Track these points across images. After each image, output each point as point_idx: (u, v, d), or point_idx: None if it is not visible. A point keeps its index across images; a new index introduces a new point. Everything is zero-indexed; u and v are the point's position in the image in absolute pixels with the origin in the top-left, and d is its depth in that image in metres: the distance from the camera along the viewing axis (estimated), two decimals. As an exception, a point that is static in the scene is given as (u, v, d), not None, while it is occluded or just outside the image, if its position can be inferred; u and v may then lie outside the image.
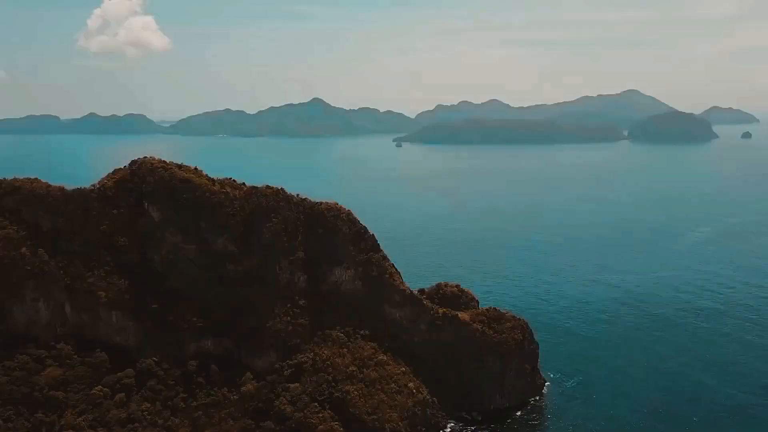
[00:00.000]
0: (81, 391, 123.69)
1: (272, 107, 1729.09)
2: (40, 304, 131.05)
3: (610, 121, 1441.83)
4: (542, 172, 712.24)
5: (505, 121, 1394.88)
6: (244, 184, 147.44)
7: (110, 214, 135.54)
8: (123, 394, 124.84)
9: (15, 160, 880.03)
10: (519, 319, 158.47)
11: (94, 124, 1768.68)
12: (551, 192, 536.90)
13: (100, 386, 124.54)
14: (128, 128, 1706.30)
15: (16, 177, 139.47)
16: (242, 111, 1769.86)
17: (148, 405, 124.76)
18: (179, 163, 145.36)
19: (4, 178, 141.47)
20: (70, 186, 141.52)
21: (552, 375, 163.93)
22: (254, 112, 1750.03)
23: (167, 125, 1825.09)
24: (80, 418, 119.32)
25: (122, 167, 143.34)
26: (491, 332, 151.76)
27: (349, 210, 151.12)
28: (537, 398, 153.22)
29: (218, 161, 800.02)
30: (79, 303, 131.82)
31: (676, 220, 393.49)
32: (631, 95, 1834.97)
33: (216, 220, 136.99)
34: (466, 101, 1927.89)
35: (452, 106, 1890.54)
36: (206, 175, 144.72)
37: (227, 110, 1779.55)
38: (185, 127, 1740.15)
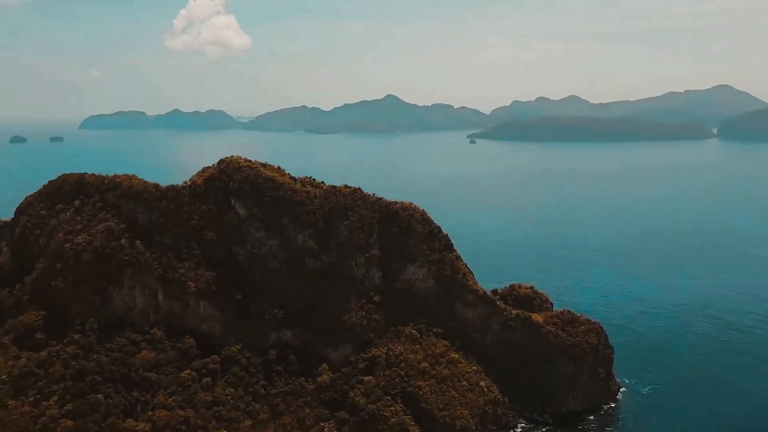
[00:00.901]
0: (171, 373, 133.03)
1: (347, 104, 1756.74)
2: (137, 292, 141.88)
3: (696, 118, 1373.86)
4: (618, 171, 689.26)
5: (581, 118, 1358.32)
6: (323, 183, 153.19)
7: (200, 209, 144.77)
8: (209, 378, 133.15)
9: (110, 153, 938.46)
10: (594, 322, 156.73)
11: (177, 120, 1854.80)
12: (626, 192, 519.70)
13: (188, 370, 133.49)
14: (209, 124, 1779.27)
15: (116, 173, 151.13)
16: (317, 108, 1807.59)
17: (232, 390, 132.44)
18: (263, 162, 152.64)
19: (107, 175, 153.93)
20: (162, 182, 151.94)
21: (627, 381, 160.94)
22: (329, 109, 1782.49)
23: (245, 121, 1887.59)
24: (171, 399, 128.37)
25: (211, 165, 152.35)
26: (565, 335, 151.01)
27: (423, 210, 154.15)
28: (611, 404, 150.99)
29: (295, 157, 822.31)
30: (170, 292, 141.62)
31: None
32: (722, 91, 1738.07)
33: (297, 217, 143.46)
34: (544, 97, 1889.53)
35: (528, 102, 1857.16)
36: (288, 174, 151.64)
37: (303, 107, 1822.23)
38: (263, 123, 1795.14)
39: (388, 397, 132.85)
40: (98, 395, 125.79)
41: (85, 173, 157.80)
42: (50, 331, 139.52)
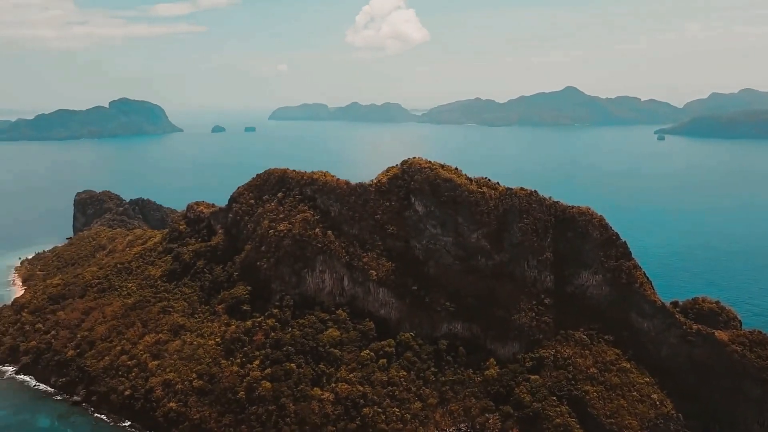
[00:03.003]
0: (353, 351, 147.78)
1: (522, 96, 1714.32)
2: (326, 276, 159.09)
3: None
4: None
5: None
6: (498, 183, 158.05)
7: (383, 205, 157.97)
8: (384, 360, 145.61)
9: (295, 143, 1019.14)
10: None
11: (355, 113, 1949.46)
12: None
13: (367, 350, 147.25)
14: (385, 117, 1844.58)
15: (314, 171, 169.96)
16: (492, 100, 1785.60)
17: (405, 373, 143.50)
18: (442, 163, 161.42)
19: (305, 171, 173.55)
20: (337, 170, 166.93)
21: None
22: (504, 101, 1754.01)
23: (419, 114, 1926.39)
24: (351, 375, 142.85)
25: (395, 165, 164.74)
26: (753, 356, 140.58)
27: (601, 216, 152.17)
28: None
29: (467, 151, 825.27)
30: (355, 278, 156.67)
31: None
32: None
33: (472, 217, 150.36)
34: (750, 89, 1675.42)
35: (731, 94, 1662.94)
36: (465, 175, 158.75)
37: (477, 99, 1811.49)
38: (436, 115, 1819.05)
39: (554, 398, 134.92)
40: (291, 364, 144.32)
41: (287, 169, 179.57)
42: (255, 304, 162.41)
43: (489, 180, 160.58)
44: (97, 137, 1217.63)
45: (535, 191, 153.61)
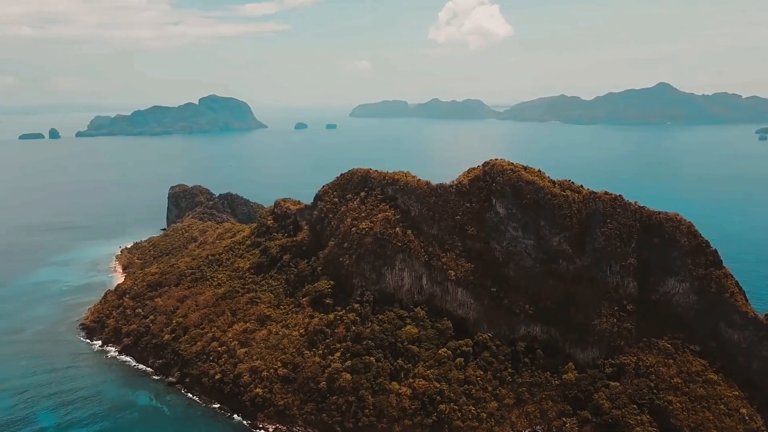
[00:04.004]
0: (430, 349, 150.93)
1: (610, 93, 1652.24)
2: (405, 274, 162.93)
3: None
4: None
5: None
6: (582, 187, 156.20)
7: (464, 206, 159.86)
8: (461, 358, 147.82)
9: (375, 140, 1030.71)
10: None
11: (436, 109, 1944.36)
12: None
13: (445, 348, 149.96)
14: (466, 113, 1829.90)
15: (396, 171, 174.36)
16: (577, 97, 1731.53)
17: (481, 372, 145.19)
18: (524, 165, 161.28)
19: (387, 172, 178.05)
20: (413, 167, 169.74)
21: None
22: (590, 99, 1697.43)
23: (501, 110, 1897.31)
24: (428, 371, 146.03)
25: (476, 167, 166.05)
26: None
27: (690, 222, 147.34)
28: None
29: (548, 150, 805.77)
30: (433, 277, 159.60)
31: None
32: None
33: (554, 220, 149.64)
34: None
35: None
36: (548, 177, 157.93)
37: (562, 96, 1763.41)
38: (518, 112, 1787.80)
39: (634, 406, 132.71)
40: (371, 357, 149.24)
41: (370, 169, 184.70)
42: (337, 298, 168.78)
43: (572, 183, 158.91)
44: (187, 132, 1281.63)
45: (620, 196, 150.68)
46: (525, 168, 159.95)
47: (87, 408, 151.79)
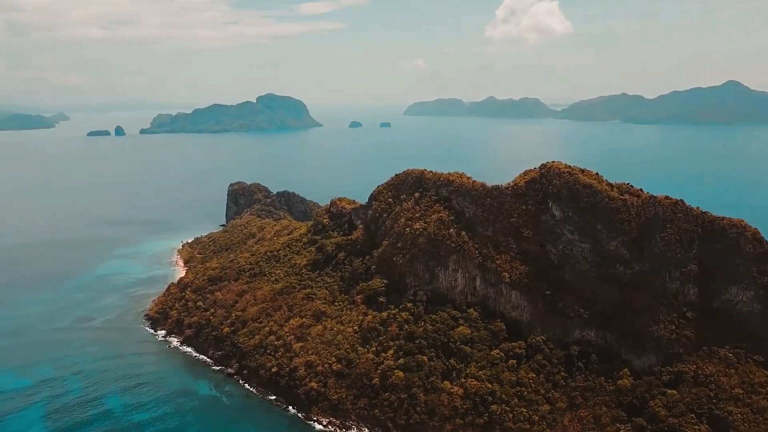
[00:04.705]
0: (482, 350, 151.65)
1: (675, 91, 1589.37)
2: (458, 275, 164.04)
3: None
4: None
5: None
6: (641, 190, 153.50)
7: (519, 209, 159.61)
8: (514, 360, 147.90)
9: (428, 139, 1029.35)
10: None
11: (491, 108, 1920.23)
12: None
13: (497, 350, 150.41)
14: (522, 112, 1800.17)
15: (451, 172, 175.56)
16: (639, 96, 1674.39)
17: (534, 375, 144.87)
18: (582, 168, 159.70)
19: (441, 173, 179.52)
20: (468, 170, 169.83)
21: None
22: (653, 97, 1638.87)
23: (559, 109, 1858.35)
24: (481, 372, 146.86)
25: (533, 169, 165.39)
26: None
27: (756, 229, 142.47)
28: None
29: (607, 151, 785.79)
30: (487, 279, 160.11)
31: None
32: None
33: (611, 224, 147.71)
34: None
35: None
36: (606, 180, 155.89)
37: (623, 94, 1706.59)
38: (577, 111, 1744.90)
39: (692, 415, 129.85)
40: (423, 356, 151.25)
41: (425, 170, 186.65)
42: (390, 297, 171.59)
43: (631, 186, 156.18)
44: (245, 130, 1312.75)
45: (681, 200, 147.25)
46: (582, 171, 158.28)
47: (151, 393, 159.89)
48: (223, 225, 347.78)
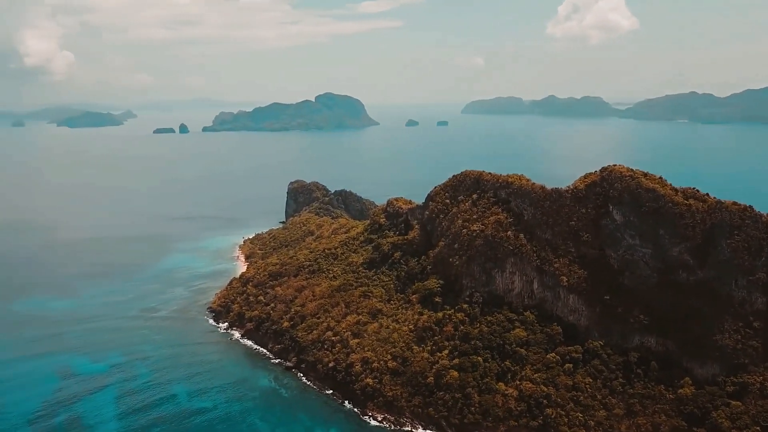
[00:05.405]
0: (538, 353, 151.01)
1: (748, 89, 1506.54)
2: (515, 277, 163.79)
3: None
4: None
5: None
6: (707, 195, 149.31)
7: (579, 212, 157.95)
8: (570, 365, 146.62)
9: (485, 138, 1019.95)
10: None
11: (551, 107, 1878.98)
12: None
13: (553, 353, 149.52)
14: (584, 111, 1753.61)
15: (510, 174, 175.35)
16: (710, 94, 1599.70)
17: (590, 380, 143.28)
18: (644, 171, 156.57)
19: (500, 174, 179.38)
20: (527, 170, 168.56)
21: None
22: (725, 96, 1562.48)
23: (623, 108, 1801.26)
24: (536, 374, 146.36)
25: (593, 172, 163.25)
26: None
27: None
28: None
29: (674, 152, 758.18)
30: (544, 282, 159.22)
31: None
32: None
33: (675, 230, 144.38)
34: None
35: None
36: (670, 184, 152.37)
37: (692, 93, 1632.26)
38: (641, 111, 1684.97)
39: (758, 428, 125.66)
40: (478, 357, 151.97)
41: (483, 171, 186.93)
42: (446, 297, 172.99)
43: (697, 191, 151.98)
44: (304, 129, 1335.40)
45: (750, 206, 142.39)
46: (645, 174, 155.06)
47: (213, 381, 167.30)
48: (283, 222, 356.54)
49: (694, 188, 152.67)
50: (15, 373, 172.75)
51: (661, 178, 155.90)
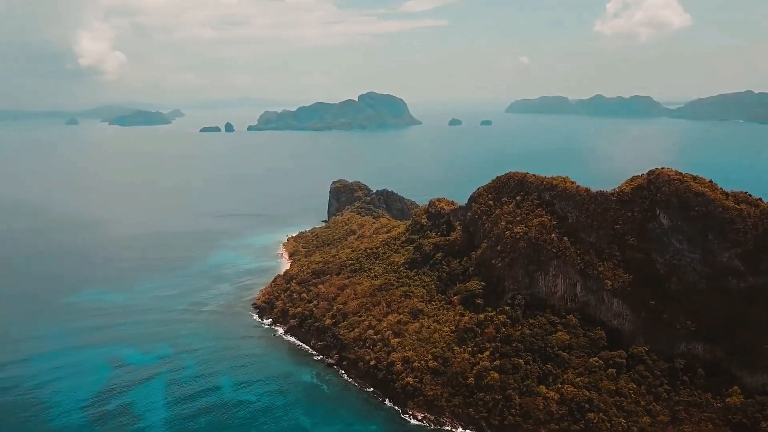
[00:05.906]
0: (581, 357, 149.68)
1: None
2: (558, 280, 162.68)
3: None
4: None
5: None
6: (760, 200, 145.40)
7: (624, 215, 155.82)
8: (614, 369, 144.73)
9: (529, 139, 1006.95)
10: None
11: (599, 106, 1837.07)
12: None
13: (596, 357, 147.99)
14: (632, 110, 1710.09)
15: (554, 176, 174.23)
16: (767, 93, 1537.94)
17: (634, 386, 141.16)
18: (694, 175, 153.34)
19: (544, 176, 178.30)
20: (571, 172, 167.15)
21: None
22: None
23: (674, 108, 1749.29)
24: (578, 378, 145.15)
25: (640, 175, 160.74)
26: None
27: None
28: None
29: (726, 153, 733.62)
30: (588, 285, 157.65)
31: None
32: None
33: (724, 235, 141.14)
34: None
35: None
36: (720, 188, 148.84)
37: (748, 92, 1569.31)
38: (694, 110, 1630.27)
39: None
40: (519, 359, 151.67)
41: (527, 173, 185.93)
42: (487, 299, 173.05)
43: (749, 195, 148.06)
44: (347, 128, 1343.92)
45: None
46: (694, 178, 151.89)
47: (257, 374, 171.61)
48: (325, 220, 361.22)
49: (746, 192, 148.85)
50: (70, 361, 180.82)
51: (710, 181, 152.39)
